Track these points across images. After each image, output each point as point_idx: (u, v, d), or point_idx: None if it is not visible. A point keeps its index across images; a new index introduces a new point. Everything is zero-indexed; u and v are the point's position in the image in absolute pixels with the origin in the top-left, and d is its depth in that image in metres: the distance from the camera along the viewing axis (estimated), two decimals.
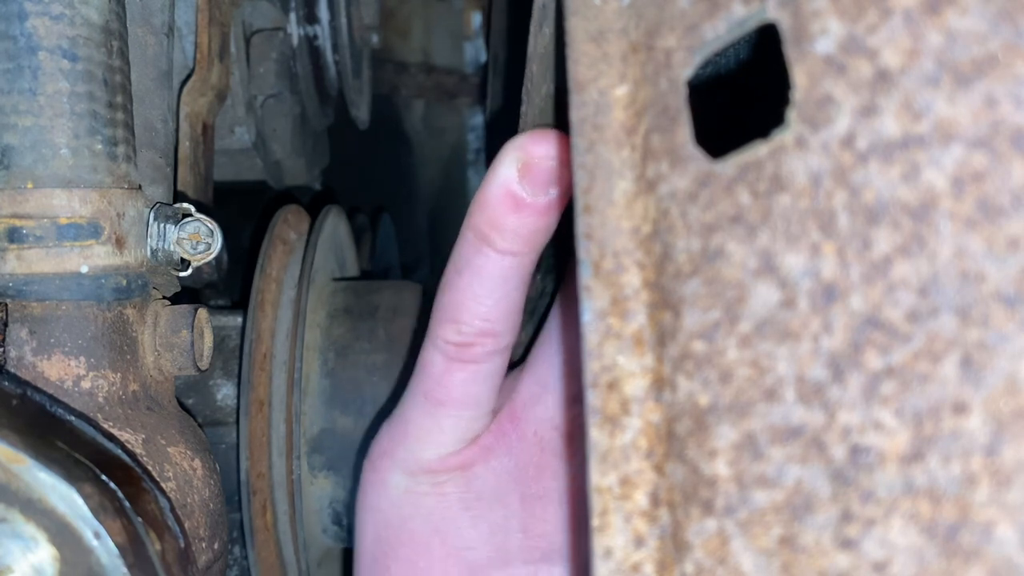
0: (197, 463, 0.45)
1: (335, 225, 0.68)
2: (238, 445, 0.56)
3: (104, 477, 0.36)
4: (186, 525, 0.42)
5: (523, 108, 0.43)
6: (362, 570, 0.48)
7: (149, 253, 0.45)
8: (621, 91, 0.34)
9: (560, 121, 0.43)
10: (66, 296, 0.42)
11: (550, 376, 0.45)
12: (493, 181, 0.39)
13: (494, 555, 0.46)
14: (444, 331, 0.42)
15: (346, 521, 0.60)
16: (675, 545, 0.30)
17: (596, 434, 0.32)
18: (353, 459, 0.59)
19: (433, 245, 1.29)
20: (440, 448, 0.45)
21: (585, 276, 0.32)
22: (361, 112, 0.93)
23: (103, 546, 0.35)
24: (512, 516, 0.46)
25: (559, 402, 0.45)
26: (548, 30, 0.39)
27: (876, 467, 0.27)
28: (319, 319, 0.62)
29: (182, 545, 0.39)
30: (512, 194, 0.39)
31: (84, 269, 0.42)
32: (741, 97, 0.48)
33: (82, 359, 0.42)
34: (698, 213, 0.31)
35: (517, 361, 0.49)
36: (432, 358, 0.43)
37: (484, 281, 0.41)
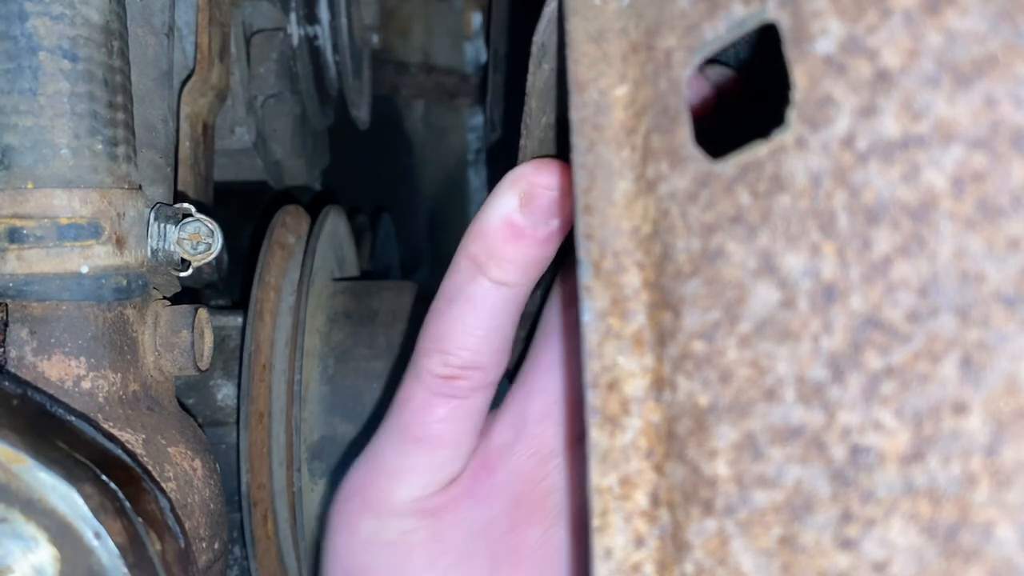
0: (197, 463, 0.45)
1: (335, 225, 0.68)
2: (238, 457, 0.56)
3: (104, 477, 0.36)
4: (186, 525, 0.42)
5: (522, 141, 0.42)
6: None
7: (149, 253, 0.45)
8: (621, 91, 0.34)
9: (561, 151, 0.42)
10: (66, 296, 0.42)
11: (525, 421, 0.42)
12: (493, 211, 0.38)
13: None
14: (430, 362, 0.41)
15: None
16: (675, 545, 0.30)
17: (596, 434, 0.32)
18: (352, 458, 0.59)
19: (433, 245, 1.29)
20: (412, 489, 0.42)
21: (585, 276, 0.32)
22: (361, 112, 0.93)
23: (103, 546, 0.35)
24: (482, 569, 0.42)
25: (533, 451, 0.42)
26: (547, 66, 0.39)
27: (876, 467, 0.27)
28: (318, 324, 0.62)
29: (182, 545, 0.39)
30: (512, 224, 0.38)
31: (84, 269, 0.42)
32: (742, 97, 0.48)
33: (82, 359, 0.42)
34: (698, 213, 0.31)
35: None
36: (413, 392, 0.42)
37: (477, 312, 0.40)
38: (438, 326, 0.41)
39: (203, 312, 0.47)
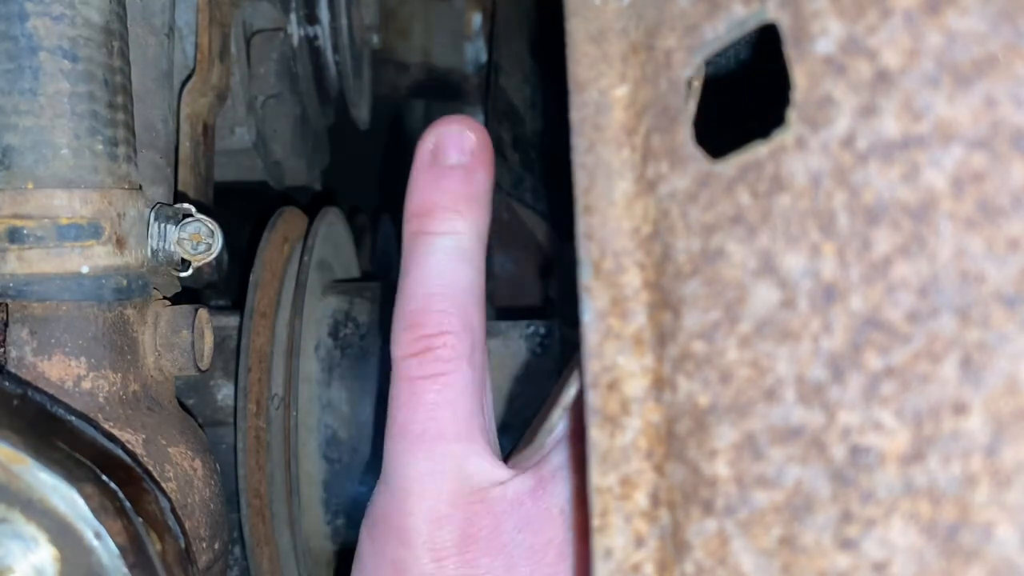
0: (198, 463, 0.45)
1: (334, 226, 0.68)
2: (236, 458, 0.56)
3: (105, 477, 0.36)
4: (187, 525, 0.42)
5: None
6: None
7: (149, 253, 0.45)
8: (621, 91, 0.34)
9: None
10: (67, 296, 0.42)
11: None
12: (414, 164, 0.40)
13: None
14: (402, 344, 0.40)
15: (346, 519, 0.61)
16: (675, 545, 0.30)
17: (596, 434, 0.32)
18: (351, 458, 0.59)
19: None
20: (429, 500, 0.39)
21: (585, 276, 0.32)
22: (361, 112, 0.93)
23: (104, 546, 0.35)
24: None
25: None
26: None
27: (876, 467, 0.27)
28: (317, 324, 0.62)
29: (182, 545, 0.39)
30: (430, 164, 0.40)
31: (85, 269, 0.42)
32: (741, 97, 0.48)
33: (83, 359, 0.42)
34: (698, 213, 0.31)
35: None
36: (398, 389, 0.40)
37: (428, 272, 0.39)
38: (400, 305, 0.40)
39: (203, 312, 0.47)
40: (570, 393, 0.37)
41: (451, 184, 0.40)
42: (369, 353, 0.61)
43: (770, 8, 0.29)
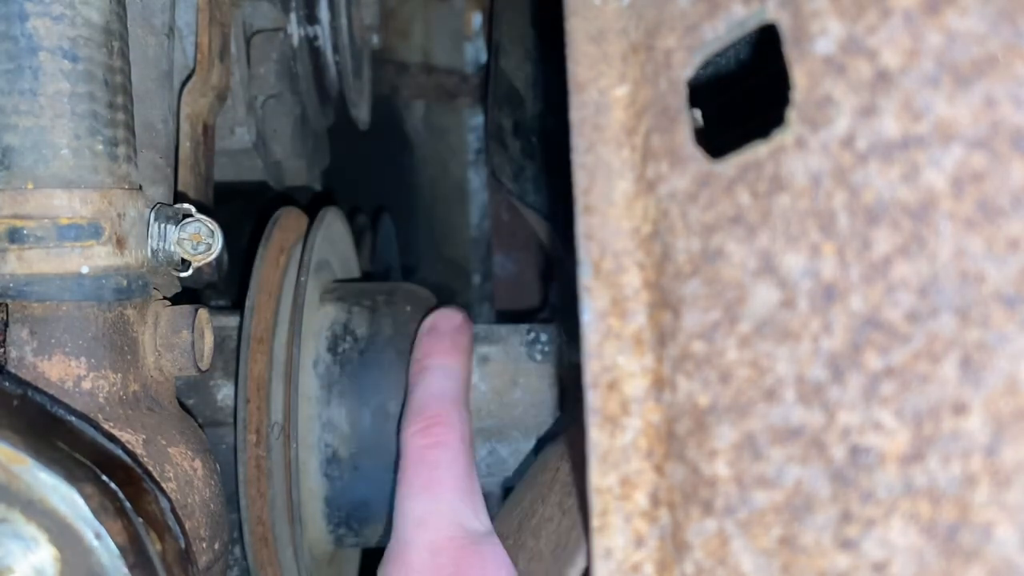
0: (197, 463, 0.45)
1: (334, 226, 0.68)
2: (236, 458, 0.56)
3: (105, 478, 0.36)
4: (187, 525, 0.42)
5: None
6: None
7: (150, 253, 0.45)
8: (621, 91, 0.34)
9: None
10: (67, 296, 0.42)
11: None
12: (419, 332, 0.60)
13: None
14: (411, 425, 0.54)
15: (347, 528, 0.61)
16: (675, 545, 0.30)
17: (596, 434, 0.32)
18: (351, 474, 0.59)
19: (433, 245, 1.29)
20: (431, 533, 0.49)
21: (585, 276, 0.32)
22: (361, 112, 0.93)
23: (104, 546, 0.35)
24: None
25: None
26: None
27: (876, 467, 0.27)
28: (317, 325, 0.62)
29: (182, 545, 0.39)
30: (431, 331, 0.59)
31: (85, 269, 0.42)
32: (741, 97, 0.48)
33: (83, 359, 0.42)
34: (698, 213, 0.31)
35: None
36: (407, 461, 0.53)
37: (430, 385, 0.56)
38: (409, 406, 0.56)
39: (203, 312, 0.47)
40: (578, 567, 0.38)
41: (442, 341, 0.59)
42: (368, 368, 0.60)
43: (770, 8, 0.29)
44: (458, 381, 0.57)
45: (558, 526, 0.44)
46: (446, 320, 0.61)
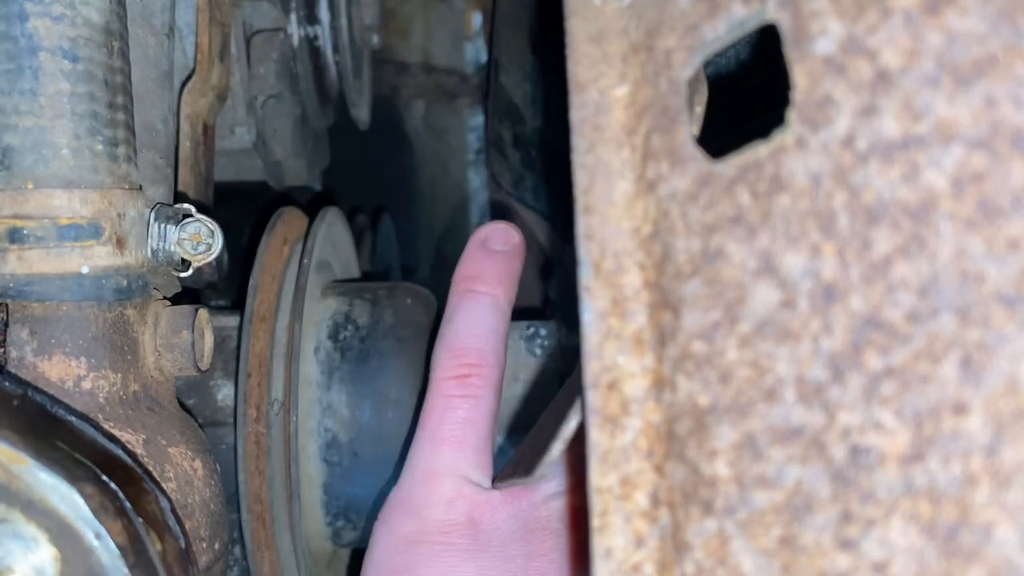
0: (198, 463, 0.45)
1: (334, 226, 0.68)
2: (236, 458, 0.56)
3: (105, 478, 0.36)
4: (187, 525, 0.42)
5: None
6: None
7: (150, 253, 0.45)
8: (621, 91, 0.34)
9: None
10: (67, 297, 0.42)
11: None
12: (469, 244, 0.53)
13: None
14: (445, 368, 0.49)
15: (345, 521, 0.61)
16: (675, 545, 0.30)
17: (596, 434, 0.32)
18: (351, 461, 0.59)
19: (433, 245, 1.29)
20: (447, 489, 0.47)
21: (585, 276, 0.32)
22: (361, 113, 0.93)
23: (104, 547, 0.35)
24: (519, 571, 0.46)
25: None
26: None
27: (876, 467, 0.27)
28: (317, 325, 0.62)
29: (183, 545, 0.39)
30: (480, 247, 0.53)
31: (85, 269, 0.42)
32: (741, 97, 0.48)
33: (83, 359, 0.42)
34: (698, 213, 0.31)
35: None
36: (434, 404, 0.49)
37: (475, 318, 0.50)
38: (447, 338, 0.50)
39: (203, 312, 0.47)
40: (570, 426, 0.37)
41: (495, 262, 0.52)
42: (369, 356, 0.61)
43: (770, 8, 0.29)
44: (505, 318, 0.51)
45: (555, 406, 0.45)
46: (502, 236, 0.54)
